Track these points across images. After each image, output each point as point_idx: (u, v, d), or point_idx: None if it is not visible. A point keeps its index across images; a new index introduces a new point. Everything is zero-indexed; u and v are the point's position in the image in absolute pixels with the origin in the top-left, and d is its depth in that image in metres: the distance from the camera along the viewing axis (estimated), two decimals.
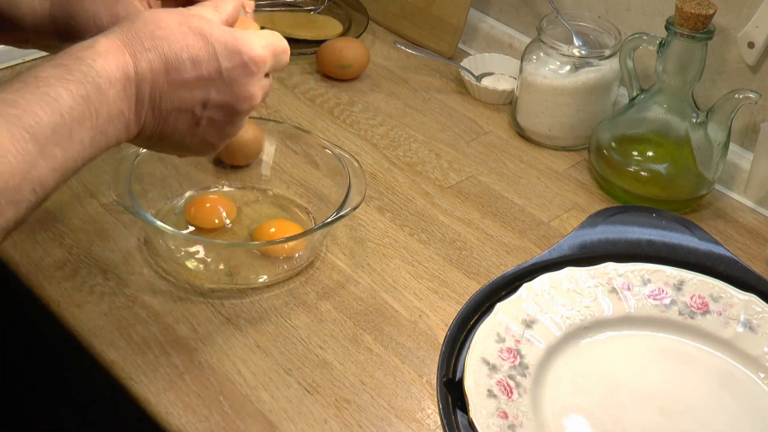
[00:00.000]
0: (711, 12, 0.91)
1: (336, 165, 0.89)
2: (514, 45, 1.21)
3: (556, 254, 0.84)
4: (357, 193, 0.86)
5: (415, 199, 0.98)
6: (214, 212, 0.90)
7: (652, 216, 0.88)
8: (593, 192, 1.03)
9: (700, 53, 0.94)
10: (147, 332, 0.79)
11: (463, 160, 1.05)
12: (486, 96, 1.15)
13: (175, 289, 0.83)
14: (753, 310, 0.80)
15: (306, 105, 1.12)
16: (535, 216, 0.98)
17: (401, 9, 1.26)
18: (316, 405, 0.74)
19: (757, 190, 1.02)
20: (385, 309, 0.84)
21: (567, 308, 0.79)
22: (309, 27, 1.24)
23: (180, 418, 0.72)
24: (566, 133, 1.07)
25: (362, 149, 1.05)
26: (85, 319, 0.79)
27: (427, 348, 0.81)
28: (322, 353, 0.79)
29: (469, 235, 0.94)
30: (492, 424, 0.68)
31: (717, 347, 0.79)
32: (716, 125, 0.96)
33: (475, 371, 0.71)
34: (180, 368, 0.76)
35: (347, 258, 0.89)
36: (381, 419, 0.74)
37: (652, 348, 0.79)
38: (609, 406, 0.74)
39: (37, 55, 1.12)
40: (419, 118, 1.11)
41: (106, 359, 0.76)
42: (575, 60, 1.04)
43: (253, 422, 0.72)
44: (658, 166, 0.99)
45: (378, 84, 1.17)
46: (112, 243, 0.87)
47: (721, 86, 1.03)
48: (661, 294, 0.82)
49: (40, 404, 1.05)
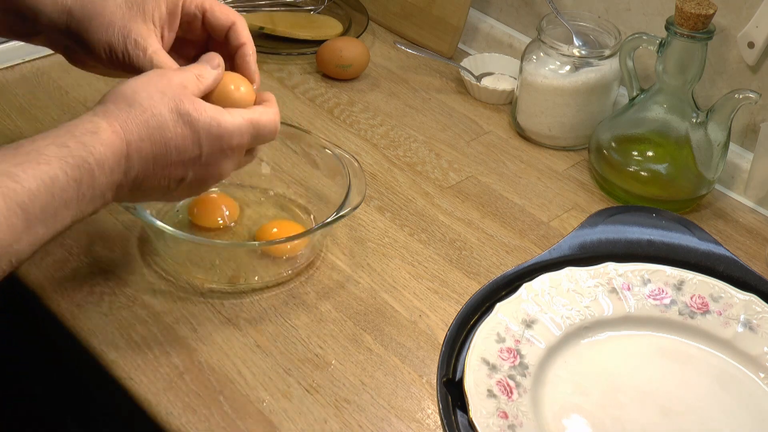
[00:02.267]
0: (711, 12, 0.91)
1: (336, 165, 0.89)
2: (514, 45, 1.21)
3: (556, 254, 0.84)
4: (357, 193, 0.86)
5: (415, 199, 0.98)
6: (218, 211, 0.90)
7: (652, 216, 0.88)
8: (593, 192, 1.03)
9: (700, 53, 0.94)
10: (147, 332, 0.79)
11: (463, 160, 1.05)
12: (486, 96, 1.15)
13: (175, 289, 0.83)
14: (753, 310, 0.80)
15: (306, 105, 1.12)
16: (535, 216, 0.98)
17: (401, 9, 1.26)
18: (316, 405, 0.74)
19: (757, 190, 1.02)
20: (385, 309, 0.84)
21: (567, 308, 0.79)
22: (309, 27, 1.24)
23: (180, 418, 0.72)
24: (566, 133, 1.07)
25: (362, 149, 1.05)
26: (85, 319, 0.79)
27: (427, 348, 0.81)
28: (322, 353, 0.79)
29: (469, 235, 0.94)
30: (492, 424, 0.68)
31: (717, 347, 0.79)
32: (716, 125, 0.96)
33: (475, 371, 0.71)
34: (180, 368, 0.76)
35: (347, 258, 0.89)
36: (381, 419, 0.74)
37: (652, 348, 0.79)
38: (609, 406, 0.74)
39: (36, 55, 1.12)
40: (419, 118, 1.11)
41: (106, 359, 0.76)
42: (575, 60, 1.04)
43: (253, 422, 0.72)
44: (658, 166, 0.99)
45: (378, 84, 1.17)
46: (112, 243, 0.87)
47: (721, 86, 1.03)
48: (661, 294, 0.82)
49: (41, 404, 1.05)
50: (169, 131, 0.67)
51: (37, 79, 1.10)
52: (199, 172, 0.70)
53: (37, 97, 1.07)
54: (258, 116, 0.72)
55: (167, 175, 0.69)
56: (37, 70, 1.11)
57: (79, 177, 0.62)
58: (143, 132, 0.66)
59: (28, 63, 1.12)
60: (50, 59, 1.13)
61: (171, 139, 0.67)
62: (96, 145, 0.63)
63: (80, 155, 0.62)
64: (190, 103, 0.68)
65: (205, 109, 0.69)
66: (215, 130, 0.69)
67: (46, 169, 0.60)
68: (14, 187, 0.58)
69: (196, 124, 0.68)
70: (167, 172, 0.69)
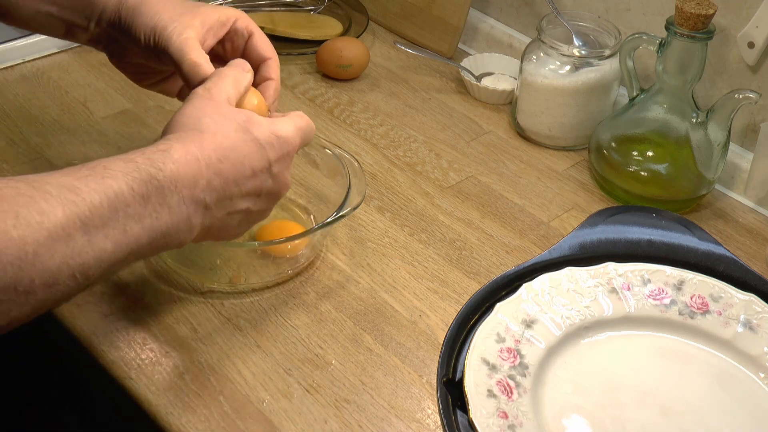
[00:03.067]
0: (711, 12, 0.91)
1: (336, 165, 0.89)
2: (514, 45, 1.21)
3: (556, 254, 0.84)
4: (357, 193, 0.86)
5: (415, 199, 0.98)
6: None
7: (652, 216, 0.88)
8: (593, 192, 1.03)
9: (700, 53, 0.94)
10: (147, 332, 0.79)
11: (463, 160, 1.05)
12: (486, 96, 1.15)
13: (175, 289, 0.83)
14: (753, 310, 0.80)
15: (306, 105, 1.12)
16: (535, 216, 0.98)
17: (401, 9, 1.26)
18: (316, 405, 0.74)
19: (757, 190, 1.02)
20: (385, 309, 0.84)
21: (567, 308, 0.79)
22: (309, 27, 1.24)
23: (180, 418, 0.72)
24: (566, 133, 1.07)
25: (362, 149, 1.05)
26: (85, 319, 0.79)
27: (427, 348, 0.81)
28: (322, 353, 0.79)
29: (469, 235, 0.94)
30: (492, 424, 0.68)
31: (717, 347, 0.79)
32: (716, 125, 0.96)
33: (475, 371, 0.71)
34: (180, 368, 0.76)
35: (347, 258, 0.89)
36: (381, 419, 0.74)
37: (652, 348, 0.79)
38: (609, 406, 0.74)
39: (36, 55, 1.12)
40: (419, 118, 1.11)
41: (106, 359, 0.76)
42: (575, 60, 1.04)
43: (253, 422, 0.72)
44: (658, 166, 0.99)
45: (378, 84, 1.17)
46: None
47: (721, 86, 1.03)
48: (661, 294, 0.82)
49: (41, 404, 1.05)
50: (242, 150, 0.69)
51: (37, 79, 1.10)
52: (271, 184, 0.72)
53: (37, 97, 1.07)
54: (299, 122, 0.75)
55: (247, 192, 0.70)
56: (37, 70, 1.11)
57: (146, 193, 0.61)
58: (220, 154, 0.67)
59: (28, 63, 1.12)
60: (50, 59, 1.13)
61: (246, 157, 0.69)
62: (167, 162, 0.63)
63: (148, 171, 0.62)
64: (248, 120, 0.71)
65: (260, 123, 0.71)
66: (276, 141, 0.71)
67: (111, 183, 0.60)
68: (74, 199, 0.57)
69: (260, 139, 0.70)
70: (247, 188, 0.70)
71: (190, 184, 0.65)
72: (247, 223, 0.73)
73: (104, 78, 1.11)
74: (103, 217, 0.59)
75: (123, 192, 0.60)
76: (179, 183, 0.64)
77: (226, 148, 0.68)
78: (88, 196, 0.58)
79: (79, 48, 1.15)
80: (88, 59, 1.13)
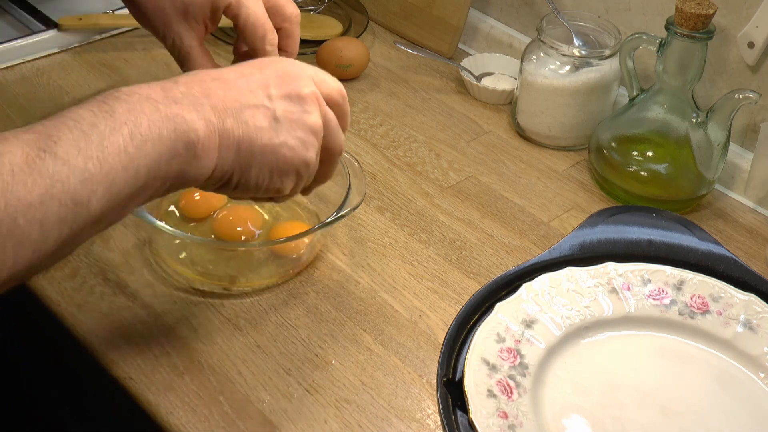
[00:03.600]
0: (711, 12, 0.91)
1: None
2: (514, 45, 1.21)
3: (556, 254, 0.84)
4: (357, 193, 0.86)
5: (415, 199, 0.98)
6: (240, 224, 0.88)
7: (652, 216, 0.88)
8: (593, 192, 1.03)
9: (700, 53, 0.94)
10: (147, 332, 0.79)
11: (463, 160, 1.05)
12: (486, 96, 1.15)
13: (175, 289, 0.83)
14: (753, 310, 0.80)
15: None
16: (535, 216, 0.98)
17: (401, 9, 1.26)
18: (316, 405, 0.74)
19: (757, 190, 1.02)
20: (385, 309, 0.84)
21: (567, 308, 0.79)
22: (309, 27, 1.23)
23: (180, 418, 0.72)
24: (566, 133, 1.07)
25: (362, 149, 1.05)
26: (85, 319, 0.79)
27: (427, 348, 0.81)
28: (322, 353, 0.79)
29: (469, 235, 0.94)
30: (492, 424, 0.68)
31: (717, 347, 0.79)
32: (716, 125, 0.96)
33: (475, 371, 0.71)
34: (180, 368, 0.76)
35: (347, 258, 0.89)
36: (381, 419, 0.74)
37: (652, 348, 0.79)
38: (609, 406, 0.74)
39: (36, 55, 1.12)
40: (419, 118, 1.11)
41: (106, 359, 0.76)
42: (575, 60, 1.04)
43: (253, 422, 0.72)
44: (658, 166, 0.99)
45: (378, 84, 1.17)
46: (112, 243, 0.87)
47: (721, 86, 1.03)
48: (661, 294, 0.82)
49: (41, 404, 1.05)
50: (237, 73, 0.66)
51: (37, 79, 1.10)
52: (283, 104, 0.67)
53: (37, 97, 1.07)
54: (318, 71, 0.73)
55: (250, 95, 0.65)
56: (37, 70, 1.11)
57: (110, 108, 0.57)
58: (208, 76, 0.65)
59: (28, 63, 1.12)
60: (50, 59, 1.13)
61: (243, 77, 0.66)
62: (128, 88, 0.59)
63: (105, 94, 0.58)
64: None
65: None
66: (279, 66, 0.70)
67: (68, 114, 0.56)
68: (30, 137, 0.55)
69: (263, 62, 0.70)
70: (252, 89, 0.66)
71: (156, 87, 0.60)
72: (283, 139, 0.66)
73: (104, 78, 1.11)
74: (69, 140, 0.55)
75: (81, 114, 0.56)
76: (141, 89, 0.59)
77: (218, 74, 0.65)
78: (46, 129, 0.55)
79: (79, 48, 1.15)
80: (88, 59, 1.13)
